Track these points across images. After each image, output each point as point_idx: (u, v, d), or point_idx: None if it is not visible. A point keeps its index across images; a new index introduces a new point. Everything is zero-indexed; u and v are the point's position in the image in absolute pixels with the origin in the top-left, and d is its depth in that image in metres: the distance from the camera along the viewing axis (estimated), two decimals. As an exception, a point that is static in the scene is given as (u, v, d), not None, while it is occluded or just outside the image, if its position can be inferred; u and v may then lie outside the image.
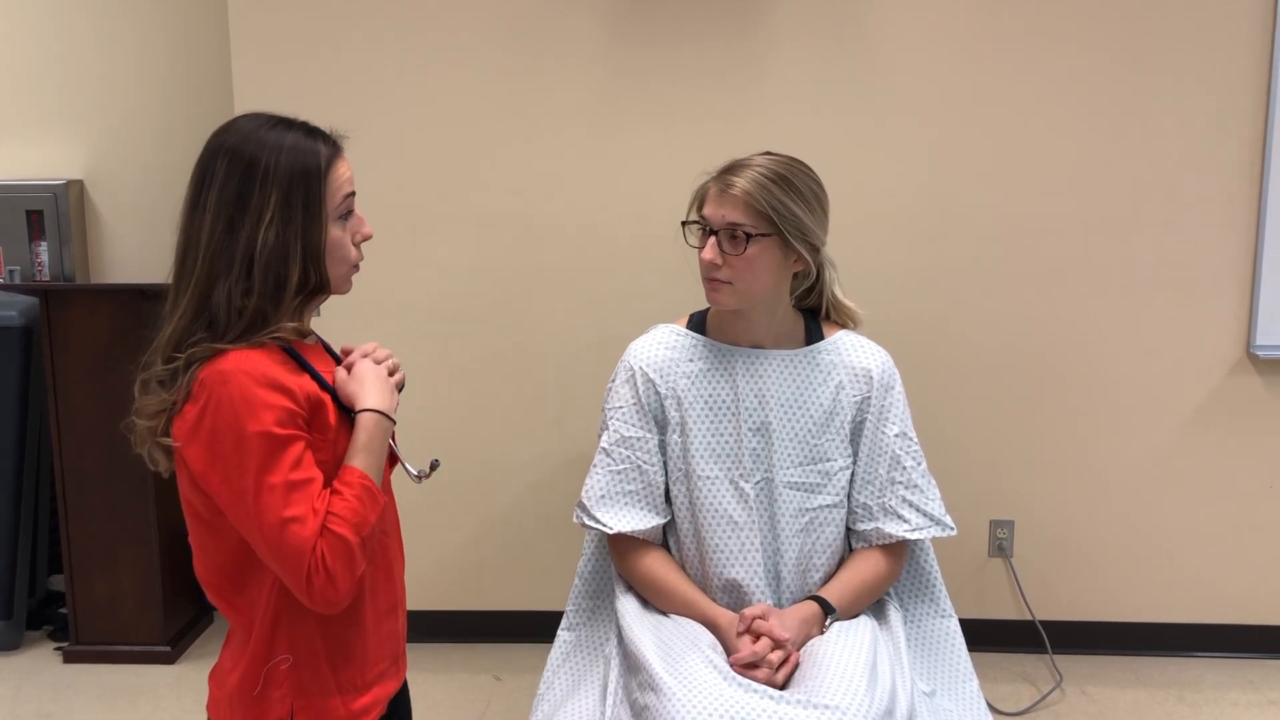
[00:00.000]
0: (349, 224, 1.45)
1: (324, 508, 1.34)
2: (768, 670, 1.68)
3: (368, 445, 1.41)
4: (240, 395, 1.31)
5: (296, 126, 1.41)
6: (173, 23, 3.37)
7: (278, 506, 1.31)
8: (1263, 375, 2.93)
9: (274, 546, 1.32)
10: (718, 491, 1.84)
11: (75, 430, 2.97)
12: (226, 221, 1.35)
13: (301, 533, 1.31)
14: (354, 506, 1.36)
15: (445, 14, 2.86)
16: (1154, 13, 2.79)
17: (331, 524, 1.33)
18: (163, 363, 1.37)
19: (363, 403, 1.42)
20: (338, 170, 1.42)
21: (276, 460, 1.32)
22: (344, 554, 1.34)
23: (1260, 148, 2.83)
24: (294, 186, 1.36)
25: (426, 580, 3.06)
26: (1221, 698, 2.84)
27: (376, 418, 1.42)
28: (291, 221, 1.36)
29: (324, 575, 1.32)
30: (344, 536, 1.34)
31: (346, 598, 1.36)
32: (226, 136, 1.39)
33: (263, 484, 1.31)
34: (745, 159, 1.82)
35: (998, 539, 3.03)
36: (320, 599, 1.34)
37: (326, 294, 1.45)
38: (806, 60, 2.84)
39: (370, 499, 1.38)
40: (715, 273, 1.79)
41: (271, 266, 1.36)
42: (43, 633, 3.25)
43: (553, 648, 1.98)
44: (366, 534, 1.37)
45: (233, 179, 1.35)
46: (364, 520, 1.36)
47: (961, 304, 2.93)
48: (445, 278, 2.97)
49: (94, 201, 3.47)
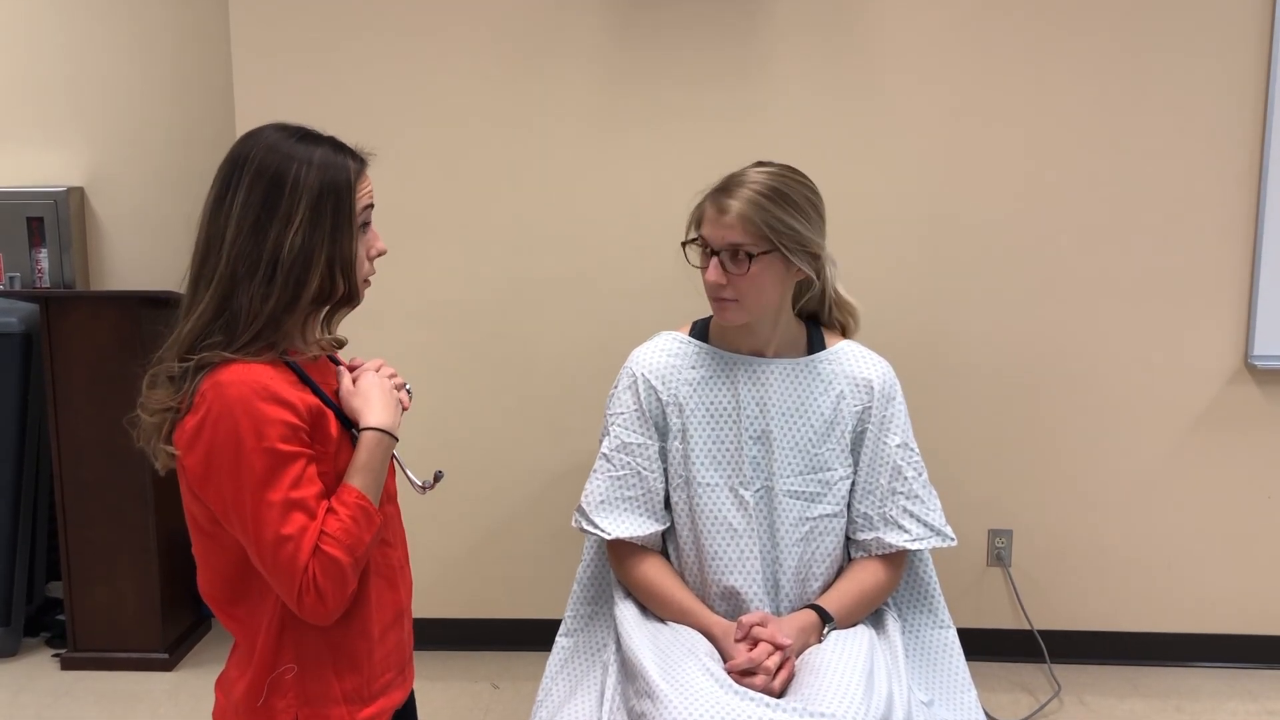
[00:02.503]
0: (366, 236, 1.47)
1: (318, 526, 1.35)
2: (764, 677, 1.68)
3: (368, 464, 1.41)
4: (241, 409, 1.32)
5: (325, 141, 1.44)
6: (174, 30, 3.39)
7: (274, 523, 1.32)
8: (1261, 385, 2.93)
9: (268, 562, 1.34)
10: (718, 499, 1.85)
11: (75, 437, 2.97)
12: (253, 224, 1.36)
13: (295, 552, 1.33)
14: (348, 527, 1.37)
15: (446, 19, 2.87)
16: (1152, 21, 2.81)
17: (325, 544, 1.35)
18: (177, 360, 1.37)
19: (366, 420, 1.43)
20: (362, 185, 1.44)
21: (277, 477, 1.33)
22: (335, 574, 1.36)
23: (1258, 158, 2.84)
24: (324, 198, 1.38)
25: (425, 587, 3.04)
26: (1220, 708, 2.84)
27: (379, 436, 1.43)
28: (318, 229, 1.38)
29: (314, 594, 1.35)
30: (336, 558, 1.35)
31: (336, 614, 1.39)
32: (253, 144, 1.40)
33: (261, 500, 1.32)
34: (739, 175, 1.81)
35: (996, 548, 3.04)
36: (310, 614, 1.37)
37: (354, 304, 1.47)
38: (806, 65, 2.85)
39: (366, 519, 1.39)
40: (722, 292, 1.80)
41: (293, 271, 1.37)
42: (41, 639, 3.25)
43: (551, 654, 1.98)
44: (360, 554, 1.39)
45: (260, 185, 1.37)
46: (358, 541, 1.38)
47: (959, 313, 2.94)
48: (445, 283, 2.97)
49: (94, 208, 3.48)
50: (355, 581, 1.40)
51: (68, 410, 2.97)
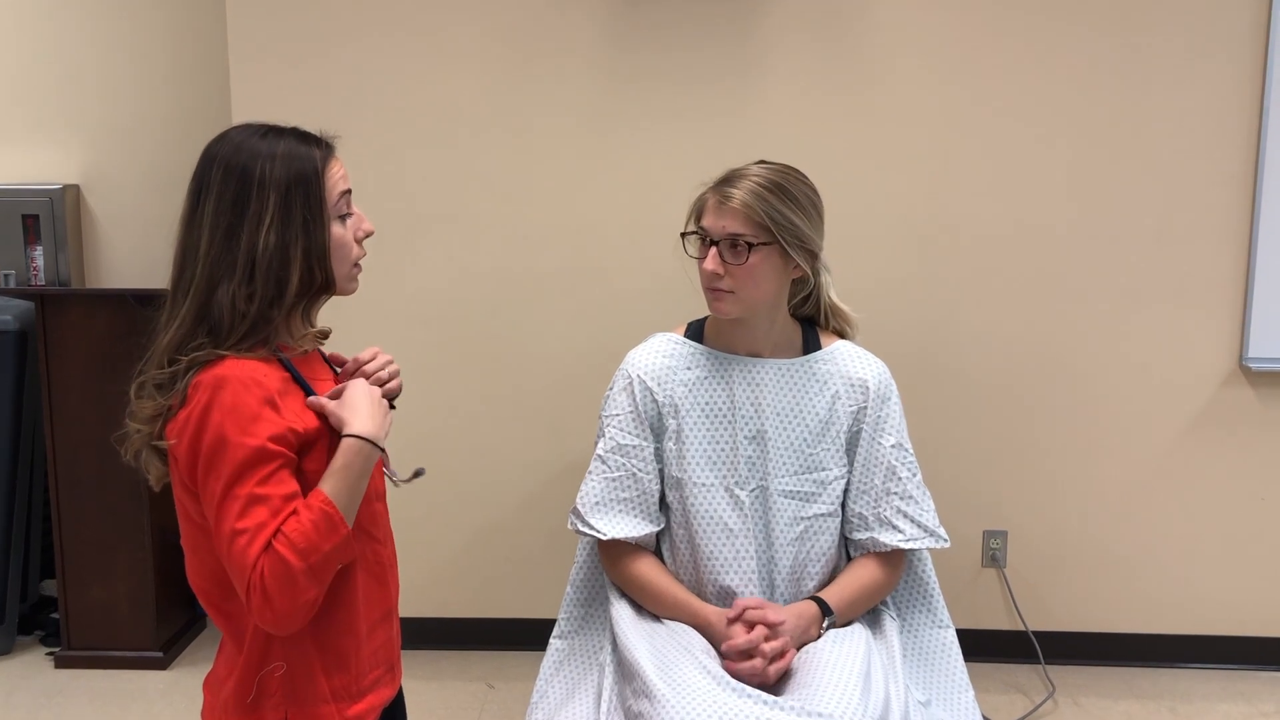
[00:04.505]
0: (350, 222, 1.47)
1: (276, 525, 1.31)
2: (761, 660, 1.69)
3: (344, 468, 1.38)
4: (231, 403, 1.32)
5: (288, 133, 1.43)
6: (171, 28, 3.38)
7: (234, 517, 1.30)
8: (1255, 387, 2.94)
9: (224, 554, 1.32)
10: (713, 498, 1.85)
11: (69, 435, 2.97)
12: (225, 229, 1.36)
13: (247, 546, 1.30)
14: (306, 531, 1.32)
15: (442, 18, 2.87)
16: (1148, 25, 2.81)
17: (277, 543, 1.30)
18: (161, 367, 1.37)
19: (350, 428, 1.40)
20: (332, 170, 1.43)
21: (251, 472, 1.31)
22: (283, 576, 1.30)
23: (1253, 160, 2.85)
24: (292, 191, 1.37)
25: (420, 587, 3.05)
26: (1213, 709, 2.85)
27: (359, 444, 1.39)
28: (290, 225, 1.37)
29: (260, 594, 1.29)
30: (286, 559, 1.30)
31: (287, 621, 1.33)
32: (219, 148, 1.40)
33: (229, 492, 1.31)
34: (741, 169, 1.83)
35: (991, 549, 3.04)
36: (259, 617, 1.31)
37: (331, 292, 1.46)
38: (802, 65, 2.85)
39: (329, 526, 1.34)
40: (718, 283, 1.80)
41: (273, 269, 1.37)
42: (34, 638, 3.24)
43: (545, 656, 1.98)
44: (316, 562, 1.32)
45: (229, 188, 1.36)
46: (313, 546, 1.32)
47: (954, 314, 2.94)
48: (440, 282, 2.97)
49: (90, 206, 3.47)
50: (311, 590, 1.33)
51: (63, 408, 2.96)
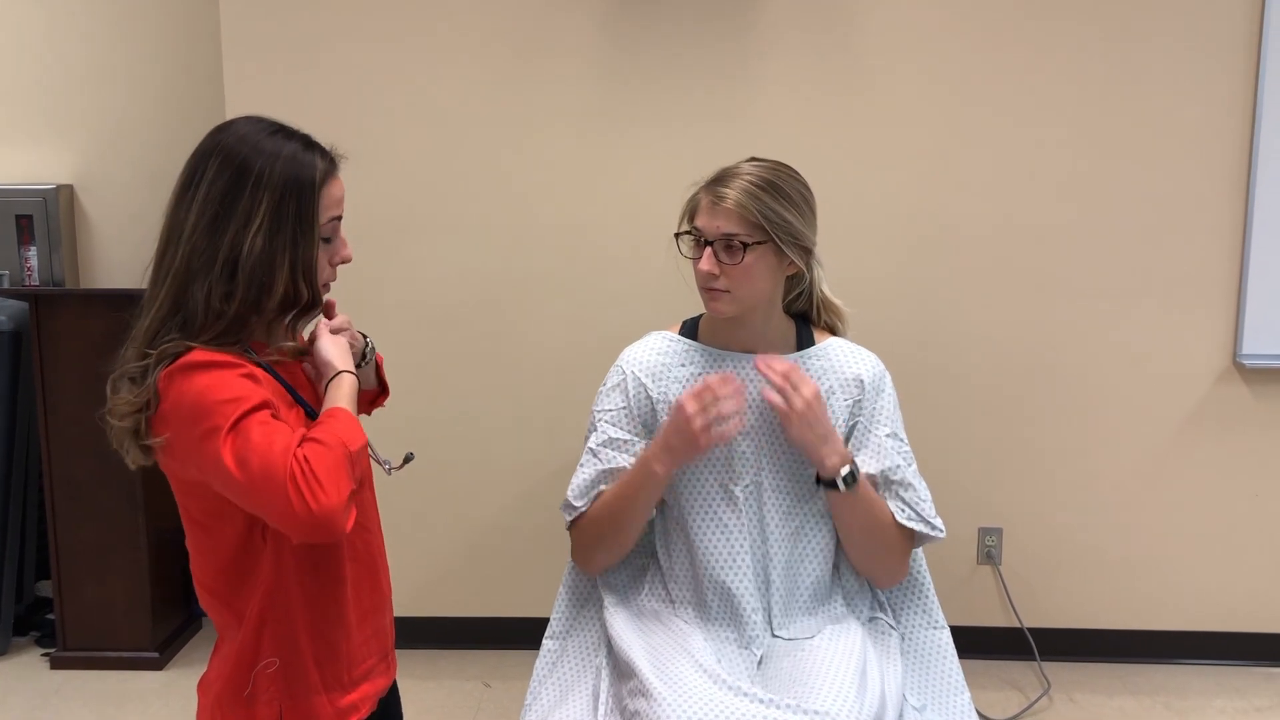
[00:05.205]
0: (331, 245, 1.44)
1: (290, 435, 1.28)
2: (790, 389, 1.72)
3: (348, 399, 1.39)
4: (205, 378, 1.29)
5: (296, 137, 1.40)
6: (164, 28, 3.37)
7: (241, 447, 1.26)
8: (1249, 384, 2.95)
9: (247, 483, 1.25)
10: (708, 495, 1.85)
11: (64, 435, 2.96)
12: (211, 218, 1.33)
13: (268, 452, 1.25)
14: (334, 428, 1.31)
15: (437, 18, 2.87)
16: (1142, 23, 2.82)
17: (309, 439, 1.29)
18: (135, 359, 1.35)
19: (334, 368, 1.42)
20: (331, 188, 1.41)
21: (246, 420, 1.28)
22: (327, 458, 1.27)
23: (1246, 157, 2.85)
24: (286, 196, 1.35)
25: (416, 586, 3.05)
26: (1208, 705, 2.86)
27: (350, 379, 1.41)
28: (280, 231, 1.35)
29: (306, 481, 1.23)
30: (325, 443, 1.28)
31: (333, 516, 1.25)
32: (224, 136, 1.38)
33: (228, 440, 1.26)
34: (733, 168, 1.83)
35: (986, 546, 3.04)
36: (304, 516, 1.23)
37: (318, 311, 1.44)
38: (798, 65, 2.86)
39: (350, 427, 1.34)
40: (713, 283, 1.80)
41: (256, 274, 1.34)
42: (30, 639, 3.24)
43: (538, 656, 1.97)
44: (355, 450, 1.31)
45: (223, 178, 1.34)
46: (344, 440, 1.30)
47: (949, 312, 2.94)
48: (436, 282, 2.97)
49: (84, 206, 3.47)
50: (351, 483, 1.29)
51: (57, 409, 2.96)
